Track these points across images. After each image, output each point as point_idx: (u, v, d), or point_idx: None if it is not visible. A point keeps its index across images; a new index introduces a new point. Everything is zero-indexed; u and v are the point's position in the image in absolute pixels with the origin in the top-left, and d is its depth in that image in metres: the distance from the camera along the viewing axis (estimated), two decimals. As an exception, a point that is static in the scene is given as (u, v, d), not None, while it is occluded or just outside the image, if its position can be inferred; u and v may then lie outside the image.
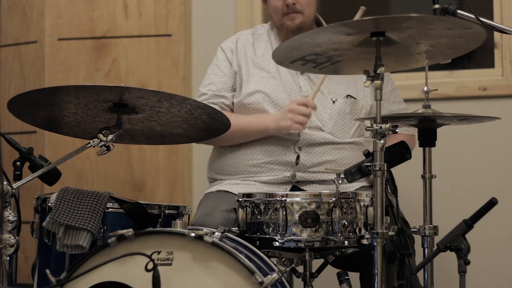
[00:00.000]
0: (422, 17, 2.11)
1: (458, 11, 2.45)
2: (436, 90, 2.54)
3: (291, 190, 2.91)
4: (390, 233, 2.15)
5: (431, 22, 2.15)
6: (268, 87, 2.99)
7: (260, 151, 2.96)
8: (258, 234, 2.34)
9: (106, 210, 2.41)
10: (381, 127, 2.15)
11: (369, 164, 2.17)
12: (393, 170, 2.35)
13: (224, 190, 2.93)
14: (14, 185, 2.25)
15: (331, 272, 2.54)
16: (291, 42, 2.31)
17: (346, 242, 2.29)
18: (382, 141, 2.15)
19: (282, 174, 2.92)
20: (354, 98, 3.00)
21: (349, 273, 2.41)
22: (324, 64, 2.37)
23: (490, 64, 3.65)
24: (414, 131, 3.04)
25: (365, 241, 2.32)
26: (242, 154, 2.98)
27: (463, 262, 2.27)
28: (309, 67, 2.39)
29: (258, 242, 2.34)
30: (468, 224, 2.28)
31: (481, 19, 2.34)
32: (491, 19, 3.49)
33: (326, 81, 3.00)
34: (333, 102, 2.98)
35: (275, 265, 2.28)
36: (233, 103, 3.04)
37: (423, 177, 2.49)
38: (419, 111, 2.45)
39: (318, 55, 2.30)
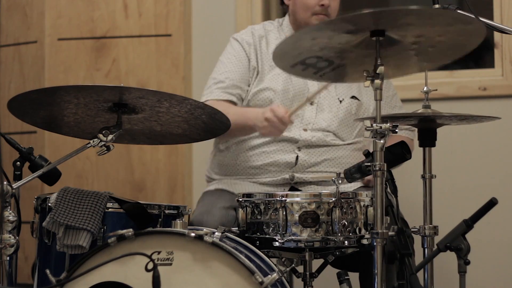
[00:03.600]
0: (422, 10, 2.10)
1: (458, 11, 2.45)
2: (436, 90, 2.54)
3: (289, 191, 2.91)
4: (390, 233, 2.15)
5: (431, 16, 2.14)
6: (278, 85, 2.97)
7: (259, 153, 2.95)
8: (258, 234, 2.34)
9: (106, 210, 2.41)
10: (381, 127, 2.15)
11: (369, 164, 2.17)
12: (393, 170, 2.35)
13: (223, 188, 2.93)
14: (14, 185, 2.26)
15: (331, 272, 2.54)
16: (291, 38, 2.29)
17: (346, 242, 2.29)
18: (382, 141, 2.15)
19: (280, 176, 2.92)
20: (358, 100, 3.00)
21: (349, 273, 2.41)
22: (324, 70, 2.36)
23: (490, 64, 3.65)
24: (413, 135, 3.04)
25: (365, 241, 2.32)
26: (241, 155, 2.98)
27: (463, 262, 2.27)
28: (310, 72, 2.37)
29: (258, 242, 2.34)
30: (468, 224, 2.28)
31: (481, 19, 2.34)
32: (491, 19, 3.49)
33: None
34: (340, 101, 2.98)
35: (275, 265, 2.28)
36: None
37: (423, 177, 2.49)
38: (419, 111, 2.45)
39: (318, 58, 2.29)
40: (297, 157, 2.91)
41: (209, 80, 3.06)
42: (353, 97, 3.00)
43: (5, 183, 2.21)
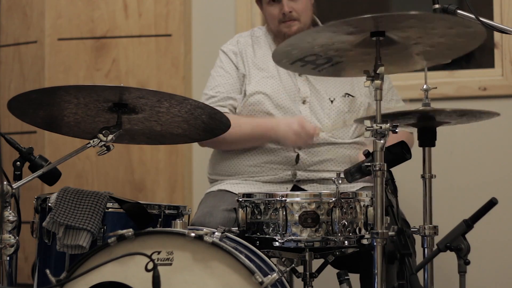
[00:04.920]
0: (423, 15, 2.10)
1: (458, 11, 2.45)
2: (436, 88, 2.54)
3: (292, 189, 2.91)
4: (390, 233, 2.15)
5: (432, 20, 2.15)
6: (268, 87, 2.99)
7: (260, 151, 2.96)
8: (258, 234, 2.34)
9: (106, 210, 2.41)
10: (381, 127, 2.15)
11: (369, 164, 2.17)
12: (393, 170, 2.35)
13: (225, 189, 2.93)
14: (14, 185, 2.25)
15: (331, 272, 2.54)
16: (291, 41, 2.31)
17: (346, 242, 2.29)
18: (382, 141, 2.15)
19: (282, 173, 2.92)
20: (352, 96, 3.00)
21: (349, 273, 2.41)
22: (323, 66, 2.37)
23: (490, 64, 3.65)
24: (412, 128, 3.04)
25: (365, 241, 2.32)
26: (242, 154, 2.98)
27: (463, 262, 2.27)
28: (308, 68, 2.39)
29: (258, 242, 2.34)
30: (468, 224, 2.28)
31: (481, 19, 2.34)
32: (491, 19, 3.49)
33: (323, 81, 3.00)
34: (331, 101, 2.99)
35: (275, 265, 2.28)
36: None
37: (423, 177, 2.49)
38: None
39: (317, 56, 2.30)
40: (297, 155, 2.92)
41: (202, 97, 3.11)
42: (346, 94, 3.00)
43: (5, 183, 2.21)
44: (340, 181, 2.28)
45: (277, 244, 2.29)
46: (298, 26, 3.02)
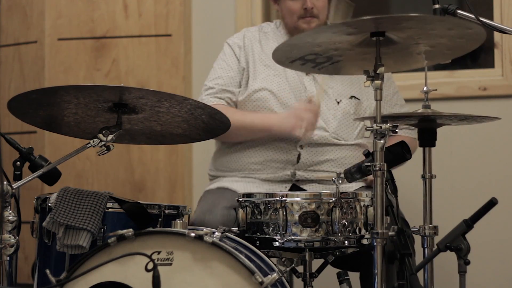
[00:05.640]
0: (423, 17, 2.11)
1: (458, 11, 2.45)
2: (436, 90, 2.54)
3: (291, 189, 2.91)
4: (390, 233, 2.15)
5: (432, 22, 2.15)
6: (274, 85, 2.99)
7: (262, 149, 2.96)
8: (258, 234, 2.34)
9: (106, 210, 2.41)
10: (381, 127, 2.15)
11: (369, 164, 2.17)
12: (393, 170, 2.35)
13: (224, 187, 2.93)
14: (14, 185, 2.25)
15: (331, 272, 2.54)
16: (291, 41, 2.31)
17: (346, 242, 2.29)
18: (382, 141, 2.15)
19: (282, 172, 2.92)
20: (358, 99, 3.00)
21: (349, 273, 2.41)
22: (323, 64, 2.37)
23: (490, 64, 3.65)
24: (415, 134, 3.04)
25: (365, 241, 2.32)
26: (244, 151, 2.98)
27: (463, 262, 2.27)
28: (308, 67, 2.39)
29: (258, 242, 2.34)
30: (468, 224, 2.28)
31: (481, 19, 2.34)
32: (491, 19, 3.49)
33: (331, 82, 2.99)
34: (338, 103, 2.98)
35: (275, 265, 2.28)
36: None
37: (423, 177, 2.49)
38: (419, 111, 2.45)
39: (317, 55, 2.30)
40: (299, 155, 2.92)
41: (202, 88, 3.11)
42: (352, 97, 3.00)
43: (5, 183, 2.21)
44: (340, 181, 2.28)
45: (277, 244, 2.29)
46: (317, 23, 3.02)
